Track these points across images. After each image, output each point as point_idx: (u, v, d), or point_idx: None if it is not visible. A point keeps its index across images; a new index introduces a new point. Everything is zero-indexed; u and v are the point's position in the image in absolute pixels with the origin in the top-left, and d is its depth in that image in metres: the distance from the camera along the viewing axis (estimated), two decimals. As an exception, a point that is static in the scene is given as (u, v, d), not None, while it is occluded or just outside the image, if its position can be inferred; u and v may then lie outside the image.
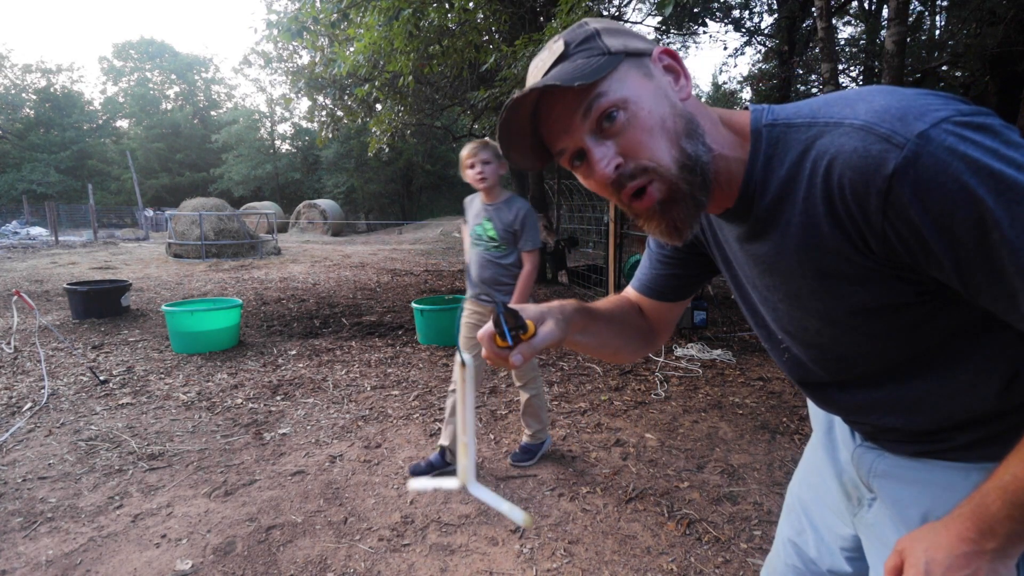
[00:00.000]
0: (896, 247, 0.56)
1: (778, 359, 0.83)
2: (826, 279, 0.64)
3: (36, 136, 35.19)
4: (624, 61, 0.64)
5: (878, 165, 0.53)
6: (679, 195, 0.64)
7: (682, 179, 0.63)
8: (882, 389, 0.71)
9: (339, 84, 7.76)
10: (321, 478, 2.65)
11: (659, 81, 0.65)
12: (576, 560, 2.05)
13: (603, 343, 0.87)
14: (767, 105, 0.67)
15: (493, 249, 2.57)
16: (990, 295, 0.54)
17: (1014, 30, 6.00)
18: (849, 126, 0.56)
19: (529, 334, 0.70)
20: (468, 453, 0.73)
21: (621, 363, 0.85)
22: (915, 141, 0.51)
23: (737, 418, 3.35)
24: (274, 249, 13.98)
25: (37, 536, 2.19)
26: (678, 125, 0.64)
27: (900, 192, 0.52)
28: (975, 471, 0.68)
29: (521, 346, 0.69)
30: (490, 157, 2.45)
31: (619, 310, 0.94)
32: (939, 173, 0.50)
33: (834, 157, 0.57)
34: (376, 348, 4.98)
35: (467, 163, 2.47)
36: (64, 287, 6.32)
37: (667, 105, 0.64)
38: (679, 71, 0.67)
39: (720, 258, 0.83)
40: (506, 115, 0.66)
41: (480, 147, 2.44)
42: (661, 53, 0.67)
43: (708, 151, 0.64)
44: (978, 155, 0.50)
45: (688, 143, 0.63)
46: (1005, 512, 0.57)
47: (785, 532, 0.99)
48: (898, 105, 0.54)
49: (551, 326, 0.72)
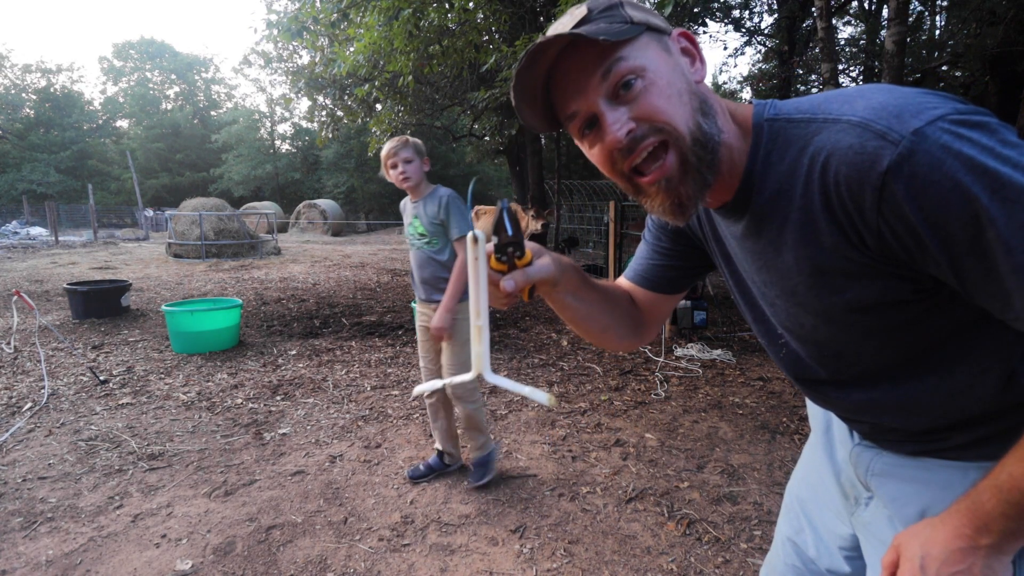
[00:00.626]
0: (891, 244, 0.56)
1: (775, 355, 0.82)
2: (823, 276, 0.64)
3: (36, 136, 35.17)
4: (645, 33, 0.64)
5: (873, 161, 0.53)
6: (689, 167, 0.63)
7: (694, 151, 0.63)
8: (879, 389, 0.71)
9: (339, 84, 7.77)
10: (321, 478, 2.65)
11: (677, 59, 0.65)
12: (576, 560, 2.05)
13: (591, 315, 0.85)
14: (771, 100, 0.67)
15: (426, 246, 2.46)
16: (985, 293, 0.54)
17: (1014, 30, 6.00)
18: (846, 122, 0.56)
19: (525, 260, 0.66)
20: (482, 338, 0.68)
21: (606, 346, 0.84)
22: (910, 138, 0.51)
23: (737, 418, 3.35)
24: (274, 249, 13.99)
25: (37, 536, 2.19)
26: (694, 102, 0.64)
27: (894, 189, 0.52)
28: (973, 470, 0.68)
29: (515, 272, 0.66)
30: (411, 155, 2.36)
31: (612, 291, 0.92)
32: (933, 170, 0.50)
33: (830, 153, 0.57)
34: (376, 348, 4.98)
35: (388, 163, 2.39)
36: (64, 287, 6.32)
37: (684, 82, 0.64)
38: (695, 55, 0.67)
39: (719, 253, 0.83)
40: (524, 64, 0.64)
41: (400, 145, 2.34)
42: (679, 35, 0.67)
43: (719, 132, 0.65)
44: (973, 153, 0.50)
45: (703, 120, 0.64)
46: (1000, 510, 0.58)
47: (784, 531, 0.99)
48: (895, 103, 0.54)
49: (547, 260, 0.70)
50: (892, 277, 0.60)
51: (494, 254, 0.65)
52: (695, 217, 0.85)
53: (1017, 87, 6.41)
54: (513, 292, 0.65)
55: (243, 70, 44.29)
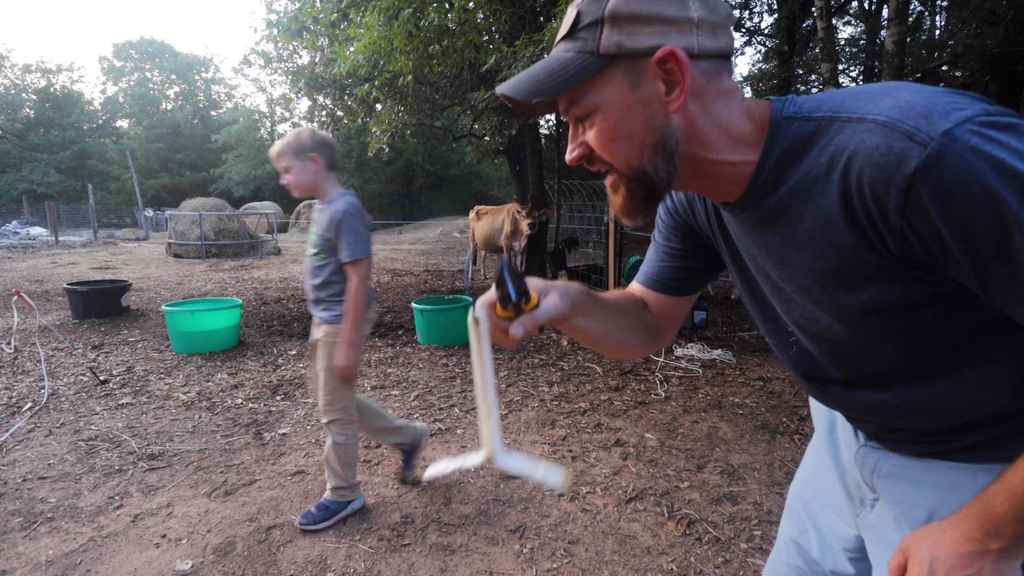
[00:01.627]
0: (914, 246, 0.55)
1: (784, 353, 0.81)
2: (839, 276, 0.63)
3: (36, 136, 35.15)
4: (611, 65, 0.62)
5: (900, 163, 0.52)
6: (628, 191, 0.69)
7: (632, 181, 0.67)
8: (891, 390, 0.70)
9: (339, 84, 7.76)
10: (321, 478, 2.64)
11: (643, 92, 0.62)
12: (576, 560, 2.05)
13: (606, 333, 0.83)
14: (790, 96, 0.66)
15: (314, 256, 2.20)
16: (1009, 298, 0.53)
17: (1014, 30, 5.99)
18: (872, 122, 0.55)
19: (532, 304, 0.65)
20: (491, 419, 0.65)
21: (624, 359, 0.84)
22: (939, 140, 0.50)
23: (737, 418, 3.35)
24: (274, 249, 13.98)
25: (37, 536, 2.19)
26: (647, 140, 0.64)
27: (921, 191, 0.51)
28: (982, 472, 0.68)
29: (523, 317, 0.64)
30: (289, 161, 2.09)
31: (624, 302, 0.91)
32: (962, 173, 0.49)
33: (854, 153, 0.56)
34: (376, 348, 4.97)
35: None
36: (64, 287, 6.32)
37: (641, 120, 0.63)
38: (680, 79, 0.61)
39: (727, 251, 0.82)
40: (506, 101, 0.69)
41: (276, 156, 2.11)
42: (667, 54, 0.60)
43: (669, 171, 0.66)
44: (1003, 156, 0.49)
45: (651, 158, 0.65)
46: (1012, 515, 0.57)
47: (787, 532, 0.98)
48: (923, 102, 0.53)
49: (555, 299, 0.68)
50: (910, 280, 0.59)
51: (499, 303, 0.65)
52: (704, 214, 0.84)
53: (1017, 87, 6.41)
54: (523, 337, 0.65)
55: (243, 70, 44.21)
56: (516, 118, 7.88)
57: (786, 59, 9.46)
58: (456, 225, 20.73)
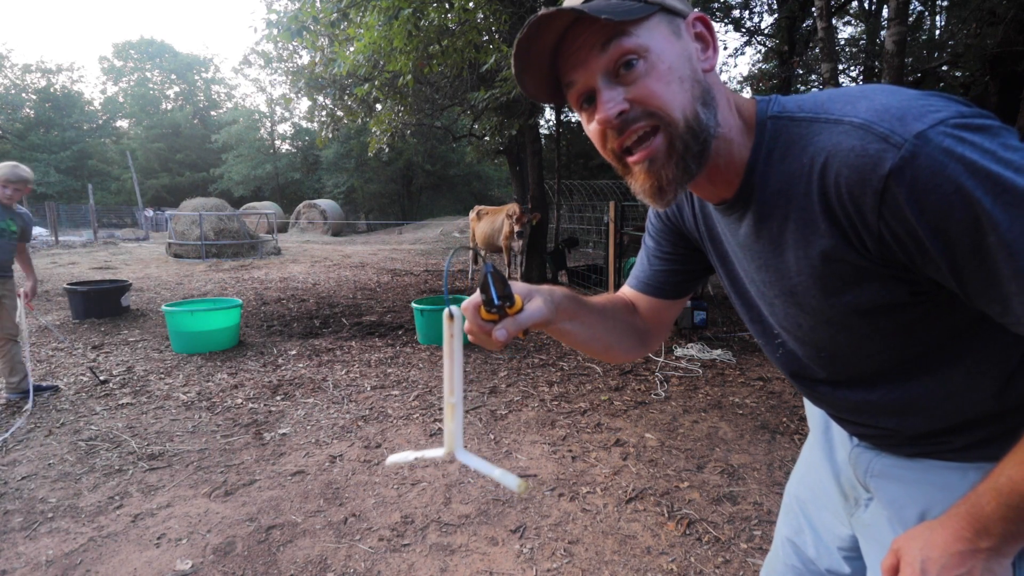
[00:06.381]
0: (892, 246, 0.56)
1: (772, 354, 0.82)
2: (821, 277, 0.64)
3: (36, 136, 35.14)
4: (658, 13, 0.63)
5: (875, 164, 0.53)
6: (675, 152, 0.63)
7: (683, 139, 0.62)
8: (876, 391, 0.71)
9: (339, 84, 7.77)
10: (321, 478, 2.65)
11: (686, 44, 0.64)
12: (576, 560, 2.05)
13: (593, 336, 0.83)
14: (774, 96, 0.67)
15: None
16: (986, 297, 0.54)
17: (1014, 30, 5.99)
18: (848, 124, 0.56)
19: (516, 308, 0.65)
20: (455, 416, 0.66)
21: (613, 362, 0.84)
22: (913, 141, 0.51)
23: (737, 418, 3.35)
24: (274, 249, 13.98)
25: (37, 536, 2.19)
26: (695, 90, 0.63)
27: (896, 192, 0.52)
28: (972, 471, 0.68)
29: (506, 321, 0.65)
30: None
31: (612, 306, 0.91)
32: (935, 174, 0.50)
33: (831, 155, 0.57)
34: (376, 348, 4.98)
35: None
36: (64, 287, 6.32)
37: (688, 68, 0.63)
38: (709, 42, 0.66)
39: (715, 253, 0.83)
40: (525, 34, 0.63)
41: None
42: (696, 19, 0.65)
43: (716, 126, 0.64)
44: (975, 156, 0.50)
45: (702, 110, 0.63)
46: (1000, 513, 0.58)
47: (783, 532, 0.99)
48: (898, 105, 0.54)
49: (539, 303, 0.68)
50: (891, 280, 0.60)
51: (483, 306, 0.65)
52: (691, 217, 0.84)
53: (1017, 87, 6.41)
54: (505, 340, 0.65)
55: (243, 70, 44.26)
56: (516, 118, 7.88)
57: (786, 59, 9.46)
58: (456, 225, 20.71)
